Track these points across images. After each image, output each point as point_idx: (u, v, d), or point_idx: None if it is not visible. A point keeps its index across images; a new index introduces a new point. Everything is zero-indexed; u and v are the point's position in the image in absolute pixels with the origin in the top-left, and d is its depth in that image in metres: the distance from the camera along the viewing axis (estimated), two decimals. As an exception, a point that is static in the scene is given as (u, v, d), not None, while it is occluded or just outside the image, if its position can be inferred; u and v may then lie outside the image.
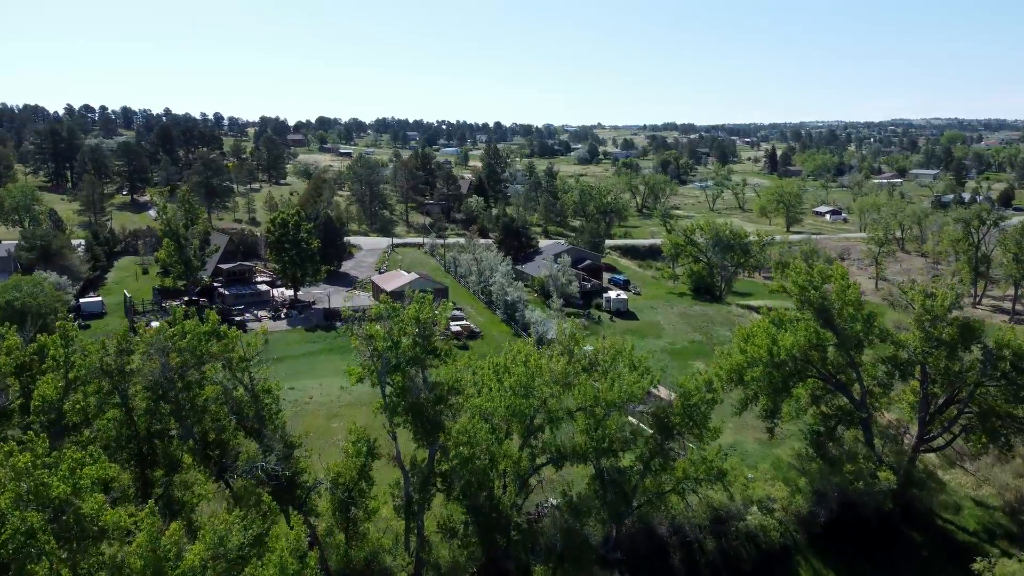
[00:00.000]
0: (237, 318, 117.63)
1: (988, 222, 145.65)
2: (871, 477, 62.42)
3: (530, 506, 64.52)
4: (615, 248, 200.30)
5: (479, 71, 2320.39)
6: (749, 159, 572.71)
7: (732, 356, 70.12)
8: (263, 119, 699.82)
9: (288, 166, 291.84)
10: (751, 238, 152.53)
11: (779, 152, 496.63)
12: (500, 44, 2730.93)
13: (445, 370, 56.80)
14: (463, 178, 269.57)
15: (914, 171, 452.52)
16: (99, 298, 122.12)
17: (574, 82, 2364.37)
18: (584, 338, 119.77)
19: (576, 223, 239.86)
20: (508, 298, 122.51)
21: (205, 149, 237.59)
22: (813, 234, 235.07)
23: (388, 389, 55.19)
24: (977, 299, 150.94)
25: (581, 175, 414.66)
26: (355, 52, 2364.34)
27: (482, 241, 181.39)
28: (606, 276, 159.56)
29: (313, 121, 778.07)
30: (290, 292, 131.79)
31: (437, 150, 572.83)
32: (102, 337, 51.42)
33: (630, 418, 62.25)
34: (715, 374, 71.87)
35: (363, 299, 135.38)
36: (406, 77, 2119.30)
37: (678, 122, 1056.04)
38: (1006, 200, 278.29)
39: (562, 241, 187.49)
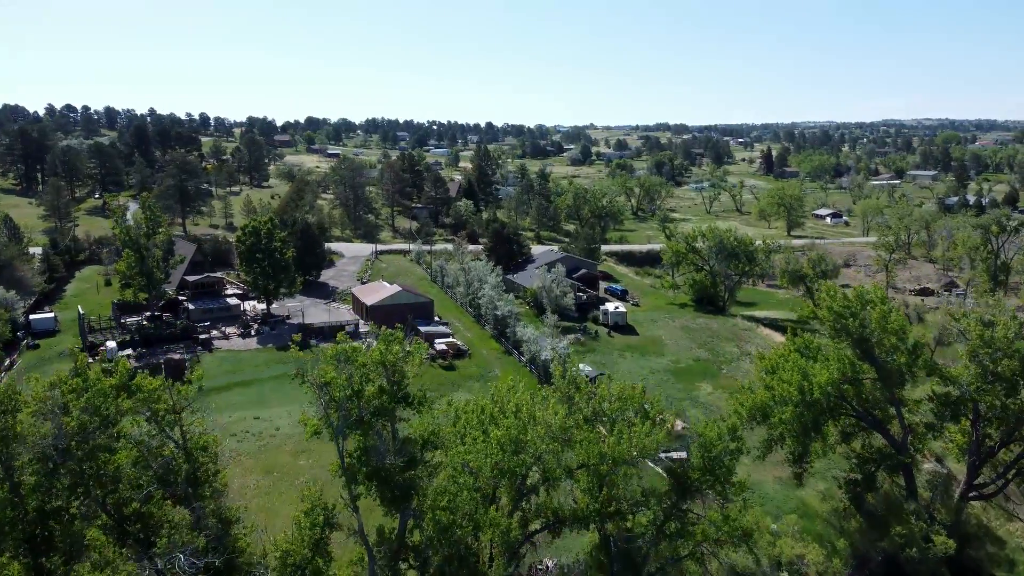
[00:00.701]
0: (202, 336, 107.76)
1: (1009, 228, 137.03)
2: (924, 541, 53.14)
3: (523, 570, 55.11)
4: (611, 254, 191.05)
5: (471, 71, 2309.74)
6: (743, 160, 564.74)
7: (756, 393, 60.75)
8: (250, 119, 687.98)
9: (271, 168, 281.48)
10: (756, 244, 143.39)
11: (774, 153, 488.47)
12: (493, 44, 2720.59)
13: (420, 422, 47.31)
14: (452, 180, 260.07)
15: (912, 172, 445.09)
16: (52, 314, 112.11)
17: (567, 82, 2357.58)
18: (580, 359, 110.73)
19: (570, 227, 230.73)
20: (498, 312, 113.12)
21: (183, 150, 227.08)
22: (815, 238, 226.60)
23: (351, 443, 45.74)
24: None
25: (574, 176, 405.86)
26: (348, 52, 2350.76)
27: (471, 247, 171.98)
28: (602, 285, 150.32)
29: (302, 121, 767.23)
30: (263, 306, 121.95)
31: (427, 151, 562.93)
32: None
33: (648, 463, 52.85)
34: (734, 410, 62.69)
35: (342, 313, 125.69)
36: (398, 77, 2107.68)
37: (671, 122, 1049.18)
38: (1011, 202, 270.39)
39: (555, 248, 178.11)
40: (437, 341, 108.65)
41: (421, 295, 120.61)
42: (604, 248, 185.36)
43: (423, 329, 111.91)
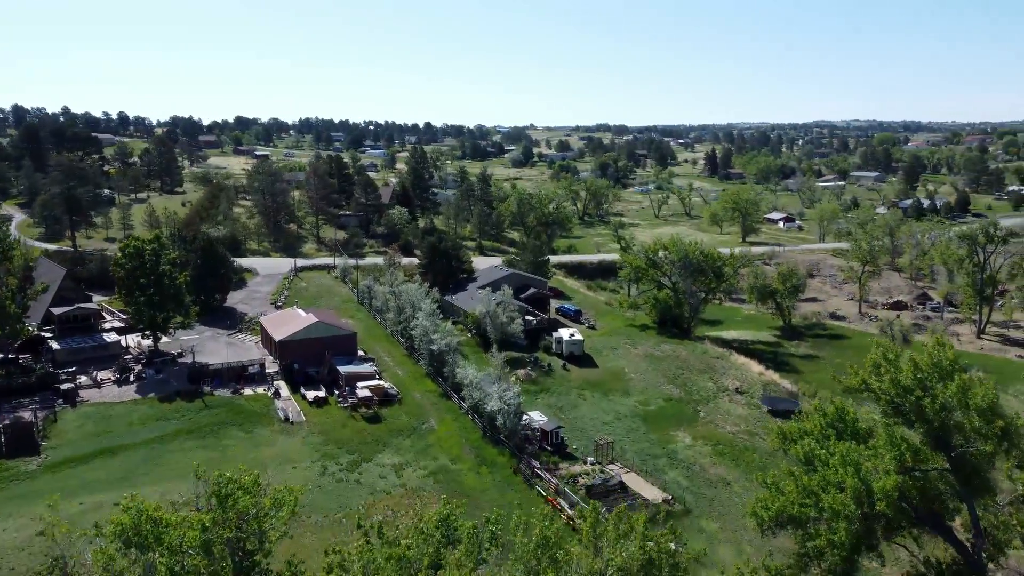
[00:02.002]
0: (66, 385, 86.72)
1: (996, 239, 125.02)
2: None
3: None
4: (560, 266, 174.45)
5: (409, 70, 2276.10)
6: (686, 161, 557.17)
7: (786, 494, 44.03)
8: (174, 119, 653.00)
9: (185, 172, 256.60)
10: (724, 257, 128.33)
11: (718, 154, 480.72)
12: (430, 44, 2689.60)
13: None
14: (387, 185, 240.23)
15: (855, 173, 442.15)
16: None
17: (507, 82, 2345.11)
18: (532, 402, 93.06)
19: (514, 235, 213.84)
20: (434, 348, 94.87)
21: (80, 153, 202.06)
22: (773, 245, 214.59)
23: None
24: (982, 326, 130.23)
25: (516, 179, 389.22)
26: (282, 50, 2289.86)
27: (405, 260, 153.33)
28: (553, 304, 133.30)
29: (231, 121, 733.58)
30: (149, 341, 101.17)
31: (363, 152, 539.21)
32: None
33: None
34: (753, 512, 46.01)
35: (248, 348, 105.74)
36: (332, 75, 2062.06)
37: (611, 123, 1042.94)
38: (963, 205, 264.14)
39: (500, 262, 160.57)
40: (360, 385, 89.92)
41: (341, 327, 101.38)
42: (553, 259, 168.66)
43: (343, 369, 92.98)
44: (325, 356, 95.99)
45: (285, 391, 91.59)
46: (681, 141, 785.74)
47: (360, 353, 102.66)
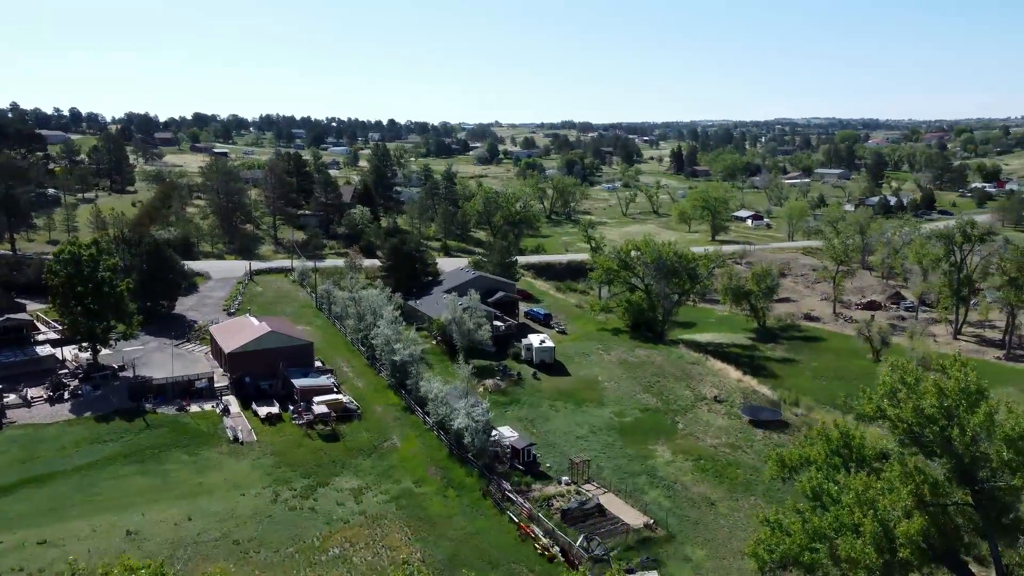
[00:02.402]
0: (-9, 404, 79.19)
1: (973, 238, 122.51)
2: None
3: None
4: (528, 267, 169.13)
5: (372, 66, 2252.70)
6: (652, 158, 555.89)
7: (792, 535, 39.10)
8: (129, 115, 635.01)
9: (136, 171, 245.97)
10: (698, 258, 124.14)
11: (684, 152, 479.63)
12: (394, 39, 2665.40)
13: None
14: (349, 183, 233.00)
15: (819, 170, 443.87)
16: None
17: (471, 78, 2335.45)
18: (502, 416, 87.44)
19: (481, 234, 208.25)
20: (396, 359, 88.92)
21: (22, 151, 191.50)
22: (742, 243, 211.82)
23: None
24: (958, 327, 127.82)
25: (482, 176, 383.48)
26: (243, 47, 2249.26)
27: (367, 263, 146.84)
28: (522, 308, 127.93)
29: (189, 118, 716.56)
30: (88, 354, 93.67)
31: (325, 149, 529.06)
32: None
33: None
34: (753, 552, 41.06)
35: (197, 360, 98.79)
36: (295, 73, 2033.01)
37: (576, 120, 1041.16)
38: (928, 203, 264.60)
39: (466, 264, 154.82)
40: (317, 400, 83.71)
41: (297, 336, 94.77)
42: (520, 260, 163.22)
43: (298, 383, 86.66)
44: (279, 368, 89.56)
45: (235, 407, 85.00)
46: (646, 139, 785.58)
47: (317, 364, 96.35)
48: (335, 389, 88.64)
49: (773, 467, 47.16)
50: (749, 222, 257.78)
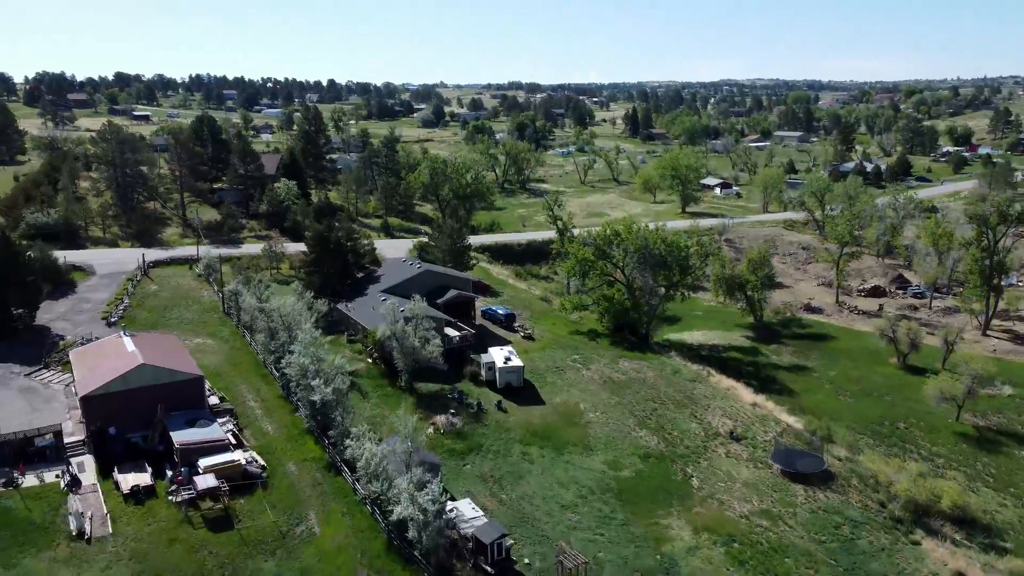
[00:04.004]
0: None
1: (1011, 218, 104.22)
2: None
3: None
4: (482, 249, 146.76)
5: (310, 22, 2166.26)
6: (604, 120, 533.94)
7: None
8: (41, 75, 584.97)
9: (27, 138, 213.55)
10: (689, 243, 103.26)
11: (638, 114, 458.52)
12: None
13: None
14: (275, 151, 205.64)
15: (778, 133, 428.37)
16: None
17: (415, 36, 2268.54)
18: (458, 474, 64.38)
19: (427, 208, 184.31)
20: (316, 398, 66.03)
21: None
22: (716, 216, 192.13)
23: None
24: (988, 320, 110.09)
25: (427, 140, 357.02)
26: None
27: (293, 248, 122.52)
28: (479, 305, 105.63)
29: (110, 78, 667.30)
30: None
31: (258, 111, 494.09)
32: None
33: None
34: None
35: (53, 396, 74.19)
36: (225, 27, 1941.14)
37: (523, 81, 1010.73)
38: (904, 169, 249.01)
39: (410, 250, 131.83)
40: (205, 464, 60.59)
41: (181, 369, 70.35)
42: (473, 240, 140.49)
43: (179, 437, 63.29)
44: (157, 414, 65.90)
45: (90, 476, 61.43)
46: (595, 100, 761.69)
47: (214, 399, 72.92)
48: (231, 442, 65.46)
49: None
50: (718, 191, 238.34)
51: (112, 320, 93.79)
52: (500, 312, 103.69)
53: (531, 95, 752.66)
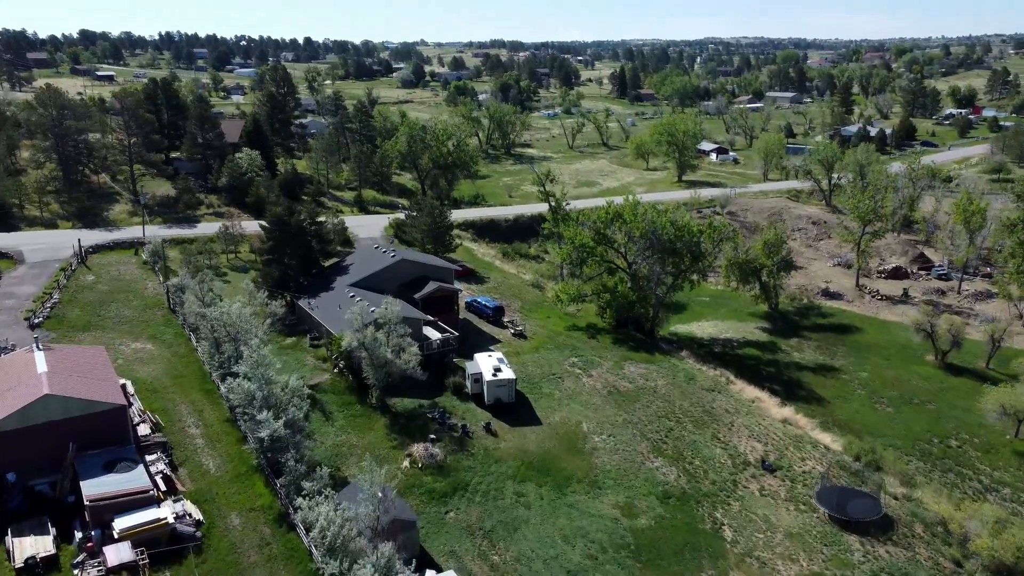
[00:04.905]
0: None
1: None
2: None
3: None
4: (466, 225, 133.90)
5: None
6: (590, 80, 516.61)
7: None
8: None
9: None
10: (701, 227, 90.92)
11: (626, 73, 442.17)
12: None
13: None
14: (241, 117, 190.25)
15: (770, 94, 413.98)
16: None
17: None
18: (439, 522, 50.55)
19: (405, 179, 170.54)
20: (263, 434, 53.70)
21: None
22: (714, 185, 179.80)
23: None
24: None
25: (406, 102, 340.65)
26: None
27: (253, 228, 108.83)
28: (462, 297, 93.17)
29: (75, 35, 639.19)
30: None
31: (230, 71, 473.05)
32: None
33: None
34: None
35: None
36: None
37: (506, 39, 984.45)
38: (909, 133, 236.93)
39: (386, 229, 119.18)
40: (120, 524, 48.38)
41: (99, 399, 57.33)
42: (456, 215, 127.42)
43: (89, 490, 50.84)
44: (68, 454, 53.47)
45: (-22, 544, 49.02)
46: (580, 59, 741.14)
47: (143, 430, 60.40)
48: (161, 492, 53.16)
49: None
50: (714, 156, 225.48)
51: (36, 321, 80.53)
52: (487, 305, 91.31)
53: (514, 54, 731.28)
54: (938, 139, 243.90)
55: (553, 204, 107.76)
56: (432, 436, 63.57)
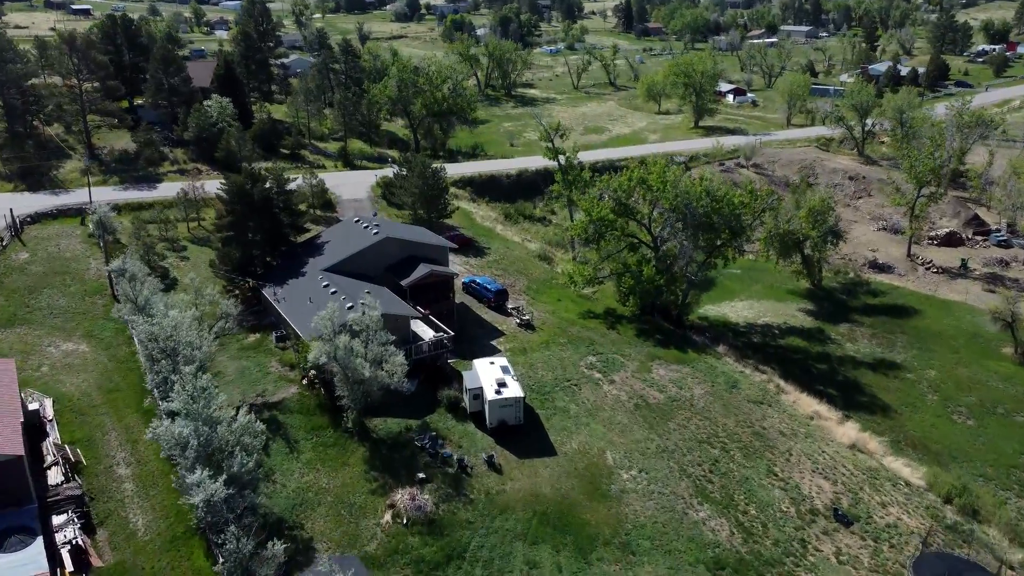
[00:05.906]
0: None
1: None
2: None
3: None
4: (463, 182, 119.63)
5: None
6: (594, 13, 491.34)
7: None
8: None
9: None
10: (742, 198, 76.79)
11: (632, 5, 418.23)
12: None
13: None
14: (213, 56, 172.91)
15: (784, 28, 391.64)
16: None
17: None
18: None
19: (395, 126, 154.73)
20: (197, 499, 40.92)
21: None
22: (735, 131, 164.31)
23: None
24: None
25: (400, 36, 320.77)
26: None
27: (212, 190, 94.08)
28: (458, 278, 79.62)
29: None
30: None
31: (215, 4, 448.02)
32: None
33: None
34: None
35: None
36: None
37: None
38: (943, 73, 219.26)
39: (373, 188, 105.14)
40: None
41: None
42: (452, 170, 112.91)
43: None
44: (-57, 523, 40.92)
45: None
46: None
47: (54, 476, 47.87)
48: (62, 577, 40.78)
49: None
50: (730, 98, 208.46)
51: (-53, 315, 67.35)
52: (488, 287, 77.93)
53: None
54: (972, 78, 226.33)
55: (562, 162, 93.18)
56: (421, 476, 51.10)
